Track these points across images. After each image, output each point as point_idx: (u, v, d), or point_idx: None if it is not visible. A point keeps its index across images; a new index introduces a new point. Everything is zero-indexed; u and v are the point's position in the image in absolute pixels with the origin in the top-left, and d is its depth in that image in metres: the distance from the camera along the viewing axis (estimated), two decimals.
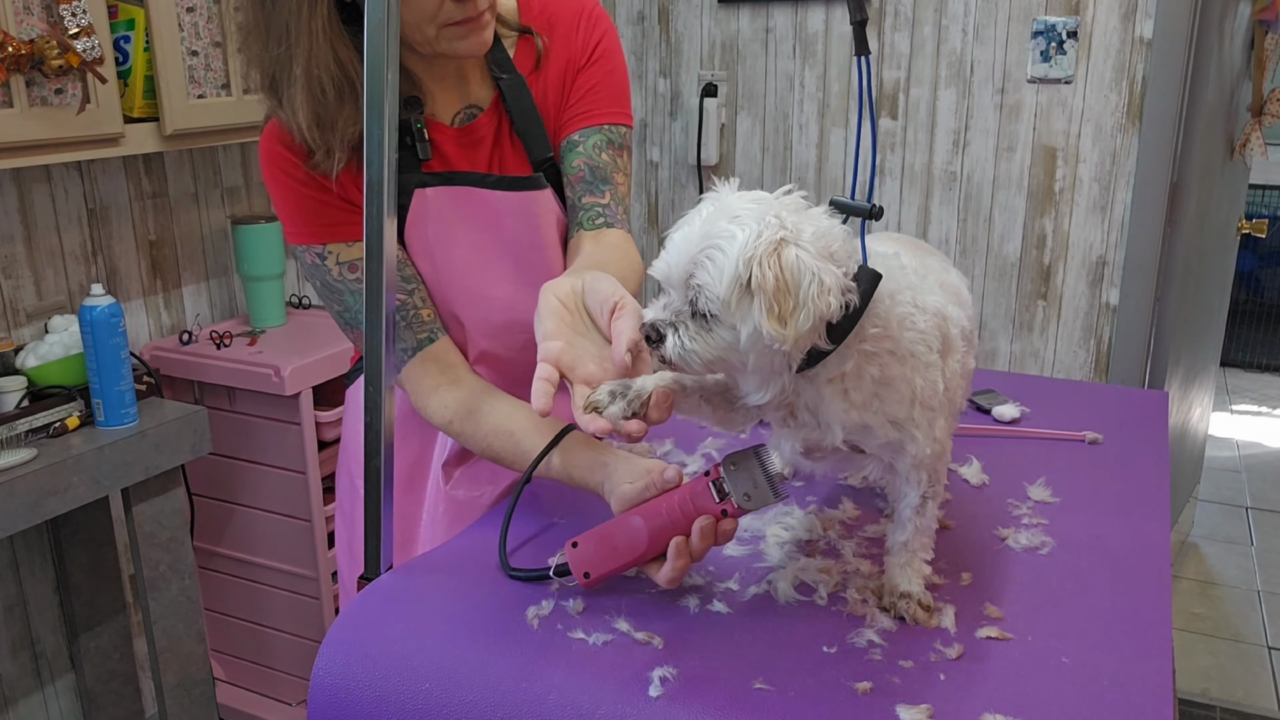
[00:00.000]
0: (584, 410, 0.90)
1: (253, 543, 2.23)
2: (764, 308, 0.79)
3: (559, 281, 0.98)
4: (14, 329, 1.95)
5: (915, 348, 0.89)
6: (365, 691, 0.93)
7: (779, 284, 0.79)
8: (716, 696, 0.86)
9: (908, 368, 0.88)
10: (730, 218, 0.82)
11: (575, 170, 1.24)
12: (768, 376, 0.88)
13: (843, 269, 0.83)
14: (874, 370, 0.87)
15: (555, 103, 1.25)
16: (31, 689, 2.09)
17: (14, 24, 1.61)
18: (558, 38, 1.25)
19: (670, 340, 0.85)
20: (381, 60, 0.97)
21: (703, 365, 0.86)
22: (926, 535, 0.99)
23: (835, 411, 0.88)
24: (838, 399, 0.88)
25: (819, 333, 0.83)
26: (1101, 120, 2.53)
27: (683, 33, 2.92)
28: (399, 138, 1.14)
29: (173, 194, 2.24)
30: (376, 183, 0.99)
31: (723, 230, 0.81)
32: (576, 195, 1.24)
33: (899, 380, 0.88)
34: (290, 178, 1.16)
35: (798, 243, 0.80)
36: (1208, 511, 3.60)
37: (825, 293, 0.79)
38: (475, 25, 1.11)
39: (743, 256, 0.80)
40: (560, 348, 0.93)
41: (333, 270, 1.18)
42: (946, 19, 2.63)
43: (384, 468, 1.05)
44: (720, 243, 0.81)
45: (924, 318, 0.90)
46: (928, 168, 2.73)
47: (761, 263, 0.79)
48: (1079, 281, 2.67)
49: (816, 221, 0.83)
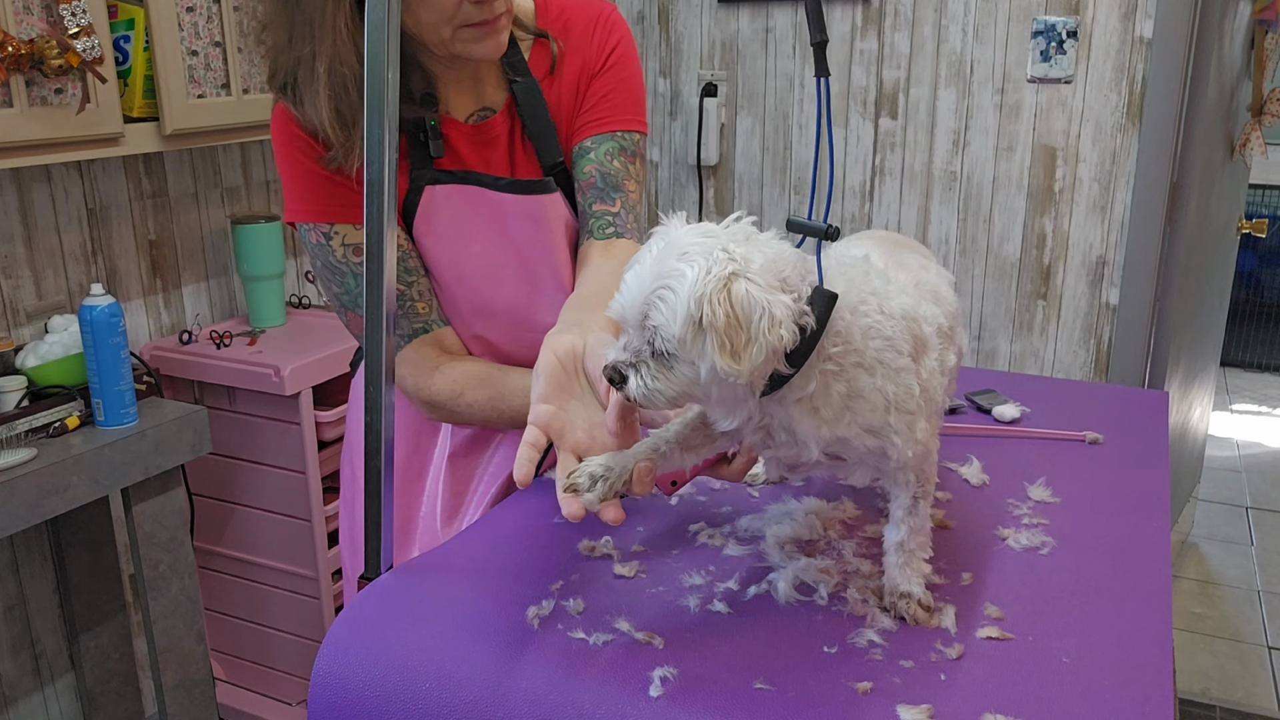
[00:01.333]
0: (563, 490, 0.89)
1: (253, 543, 2.23)
2: (716, 344, 0.80)
3: (562, 337, 0.98)
4: (14, 329, 1.95)
5: (883, 355, 0.89)
6: (365, 691, 0.93)
7: (729, 320, 0.80)
8: (716, 696, 0.86)
9: (878, 377, 0.89)
10: (679, 255, 0.82)
11: (587, 177, 1.25)
12: (733, 405, 0.89)
13: (794, 294, 0.83)
14: (840, 386, 0.87)
15: (569, 108, 1.26)
16: (31, 689, 2.09)
17: (14, 24, 1.61)
18: (573, 42, 1.25)
19: (632, 381, 0.86)
20: (381, 60, 0.97)
21: (667, 402, 0.86)
22: (922, 534, 0.98)
23: (808, 429, 0.89)
24: (808, 417, 0.88)
25: (778, 360, 0.83)
26: (1101, 120, 2.53)
27: (683, 33, 2.92)
28: (414, 134, 1.18)
29: (173, 194, 2.24)
30: (376, 183, 0.99)
31: (672, 269, 0.82)
32: (587, 202, 1.25)
33: (869, 391, 0.88)
34: (305, 156, 1.16)
35: (747, 275, 0.81)
36: (1208, 511, 3.60)
37: (776, 325, 0.80)
38: (491, 28, 1.12)
39: (693, 295, 0.80)
40: (550, 412, 0.93)
41: (337, 251, 1.19)
42: (946, 19, 2.63)
43: (384, 468, 1.05)
44: (670, 282, 0.81)
45: (891, 323, 0.90)
46: (928, 168, 2.73)
47: (711, 300, 0.79)
48: (1079, 281, 2.67)
49: (766, 249, 0.84)
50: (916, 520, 0.98)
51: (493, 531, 1.18)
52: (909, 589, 0.97)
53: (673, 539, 1.14)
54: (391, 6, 0.96)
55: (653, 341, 0.84)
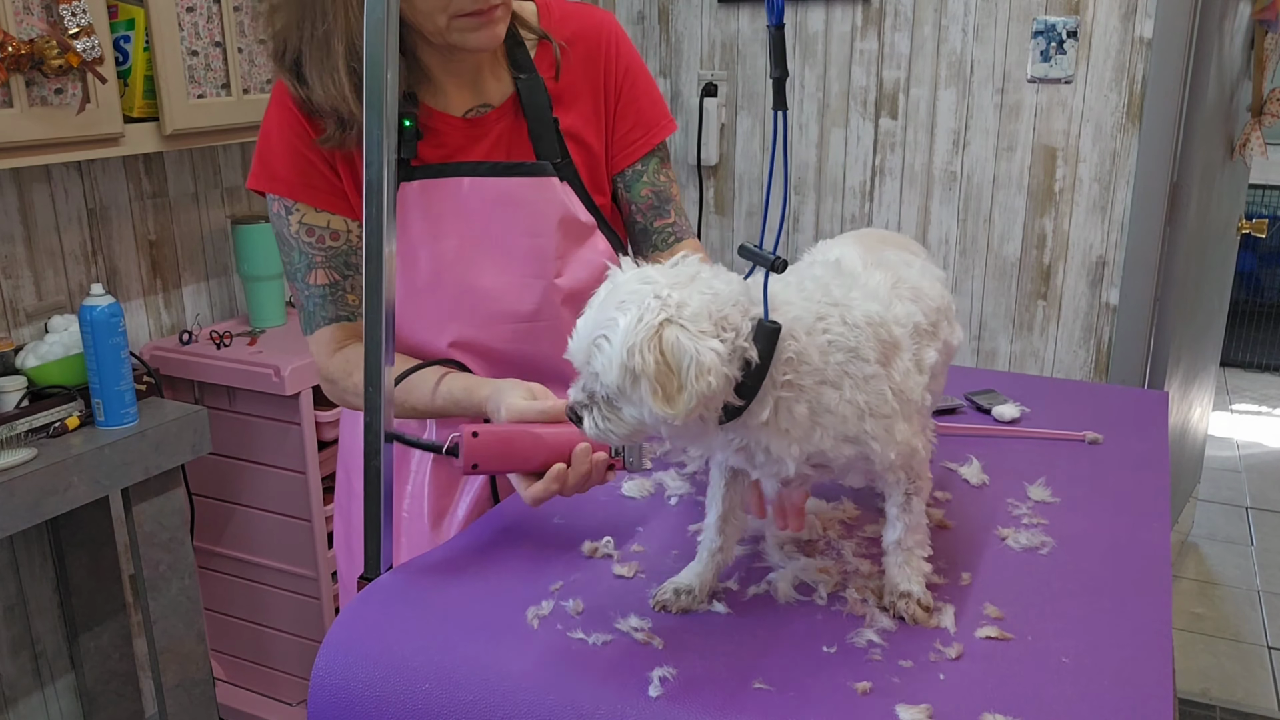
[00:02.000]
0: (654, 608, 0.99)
1: (253, 543, 2.23)
2: (649, 391, 0.82)
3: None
4: (14, 329, 1.95)
5: (848, 367, 0.90)
6: (365, 691, 0.93)
7: (659, 368, 0.82)
8: (716, 696, 0.86)
9: (845, 389, 0.89)
10: (617, 303, 0.84)
11: (644, 199, 1.31)
12: (693, 437, 0.92)
13: (734, 333, 0.84)
14: (802, 407, 0.88)
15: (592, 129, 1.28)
16: (31, 689, 2.09)
17: (14, 24, 1.61)
18: (579, 57, 1.27)
19: (587, 421, 0.90)
20: (381, 60, 0.97)
21: (620, 440, 0.90)
22: (919, 532, 0.99)
23: (780, 448, 0.90)
24: (777, 438, 0.90)
25: (718, 399, 0.85)
26: (1101, 120, 2.53)
27: (683, 33, 2.92)
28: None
29: (173, 194, 2.24)
30: (376, 182, 0.99)
31: (608, 318, 0.84)
32: (648, 221, 1.32)
33: (837, 404, 0.89)
34: (294, 135, 1.20)
35: (679, 321, 0.82)
36: (1208, 511, 3.60)
37: (705, 374, 0.81)
38: (487, 18, 1.13)
39: (625, 344, 0.82)
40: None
41: (292, 225, 1.22)
42: (946, 19, 2.63)
43: (384, 468, 1.05)
44: (606, 331, 0.84)
45: (855, 333, 0.91)
46: (928, 168, 2.73)
47: (641, 349, 0.81)
48: (1079, 281, 2.67)
49: (707, 289, 0.85)
50: (912, 517, 0.98)
51: (493, 531, 1.18)
52: (909, 588, 0.97)
53: (672, 539, 1.14)
54: (391, 6, 0.96)
55: (599, 385, 0.87)
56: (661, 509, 1.22)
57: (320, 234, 1.22)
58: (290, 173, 1.21)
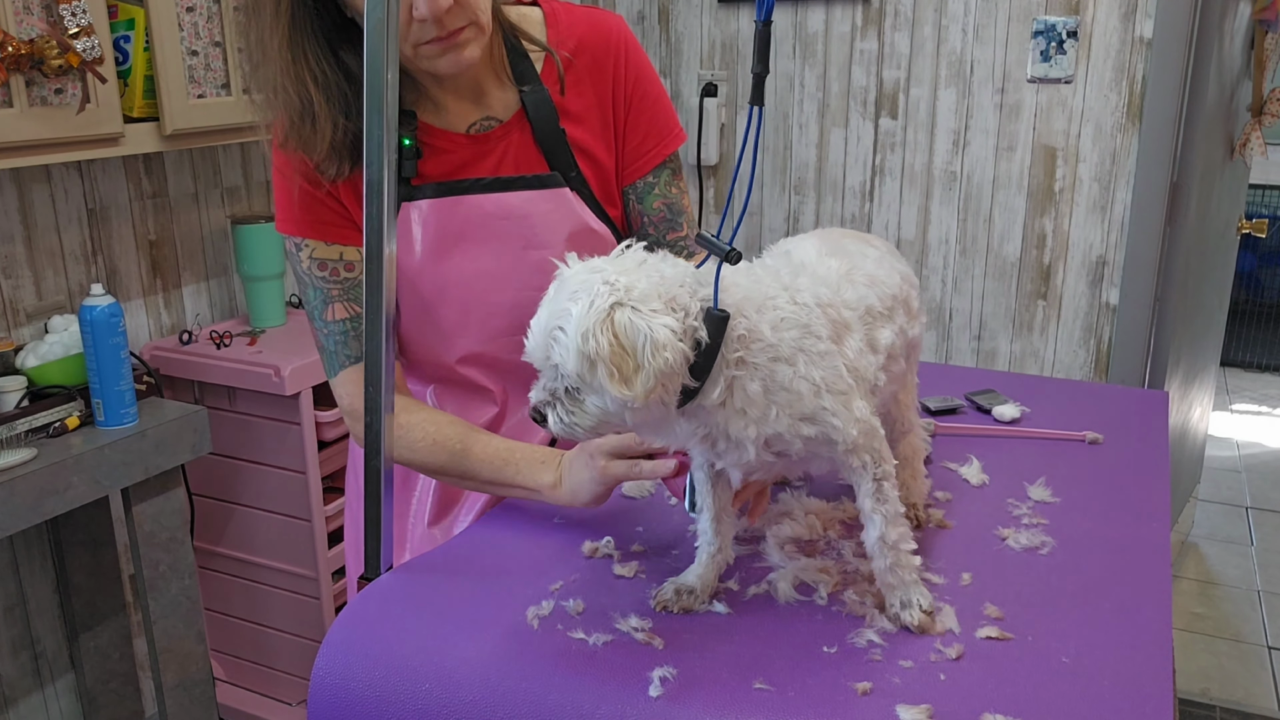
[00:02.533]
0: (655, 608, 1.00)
1: (253, 543, 2.23)
2: (606, 374, 0.83)
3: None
4: (14, 329, 1.95)
5: (803, 343, 0.91)
6: (365, 691, 0.93)
7: (614, 349, 0.83)
8: (716, 696, 0.86)
9: (800, 365, 0.90)
10: (569, 294, 0.86)
11: (656, 212, 1.30)
12: (657, 426, 0.92)
13: (682, 313, 0.85)
14: (755, 385, 0.89)
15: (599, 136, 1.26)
16: (31, 689, 2.09)
17: (14, 24, 1.61)
18: (585, 64, 1.25)
19: (551, 418, 0.91)
20: (381, 60, 0.97)
21: (586, 434, 0.91)
22: (900, 524, 0.97)
23: (738, 430, 0.90)
24: (735, 419, 0.90)
25: (677, 377, 0.86)
26: (1101, 120, 2.53)
27: (683, 33, 2.92)
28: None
29: (173, 194, 2.24)
30: (376, 183, 0.99)
31: (562, 310, 0.85)
32: (660, 234, 1.31)
33: (792, 381, 0.90)
34: (293, 169, 1.19)
35: (630, 303, 0.84)
36: (1208, 511, 3.60)
37: (661, 349, 0.83)
38: (450, 43, 1.09)
39: (579, 331, 0.83)
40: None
41: (303, 262, 1.23)
42: (946, 19, 2.63)
43: (384, 468, 1.05)
44: (561, 322, 0.85)
45: (805, 311, 0.92)
46: (928, 168, 2.73)
47: (594, 333, 0.83)
48: (1079, 281, 2.67)
49: (654, 272, 0.87)
50: (887, 507, 0.96)
51: (493, 532, 1.18)
52: (909, 596, 0.95)
53: (672, 539, 1.14)
54: (391, 7, 0.96)
55: (559, 380, 0.88)
56: (661, 509, 1.22)
57: (333, 266, 1.22)
58: (295, 210, 1.22)
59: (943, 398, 1.55)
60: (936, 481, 1.27)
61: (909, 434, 1.18)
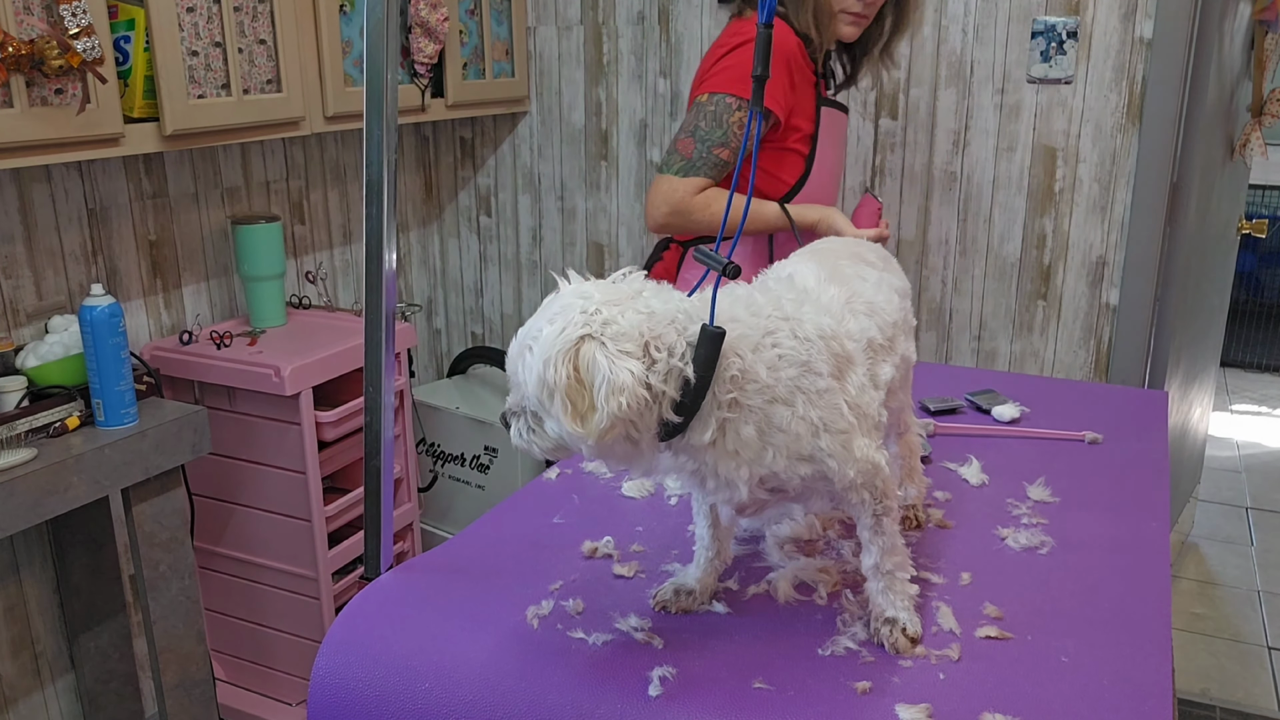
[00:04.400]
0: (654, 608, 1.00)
1: (253, 543, 2.23)
2: (562, 407, 0.80)
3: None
4: (14, 329, 1.95)
5: (801, 382, 0.88)
6: (365, 691, 0.93)
7: (570, 383, 0.80)
8: (716, 696, 0.86)
9: (798, 405, 0.87)
10: (549, 314, 0.83)
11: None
12: (624, 459, 0.88)
13: (665, 353, 0.82)
14: (750, 428, 0.86)
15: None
16: (31, 689, 2.09)
17: (14, 24, 1.61)
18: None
19: (513, 429, 0.89)
20: (381, 60, 0.97)
21: (543, 453, 0.87)
22: (896, 554, 0.96)
23: (729, 471, 0.88)
24: (726, 460, 0.87)
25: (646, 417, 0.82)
26: (1101, 120, 2.53)
27: (683, 33, 2.92)
28: (818, 67, 1.80)
29: (173, 194, 2.24)
30: (376, 183, 0.99)
31: (534, 329, 0.83)
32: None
33: (789, 422, 0.87)
34: (789, 56, 1.68)
35: (601, 338, 0.80)
36: (1208, 511, 3.59)
37: (617, 393, 0.79)
38: (861, 19, 1.78)
39: (543, 356, 0.81)
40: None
41: (734, 116, 1.66)
42: (946, 19, 2.63)
43: (384, 468, 1.05)
44: (530, 342, 0.83)
45: (806, 346, 0.89)
46: (928, 168, 2.73)
47: (555, 363, 0.80)
48: (1079, 281, 2.67)
49: (644, 307, 0.83)
50: (885, 540, 0.95)
51: (493, 531, 1.18)
52: (894, 614, 0.94)
53: (672, 539, 1.14)
54: (390, 7, 0.96)
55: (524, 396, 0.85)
56: (661, 509, 1.22)
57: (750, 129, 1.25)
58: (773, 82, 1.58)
59: (942, 398, 1.55)
60: (936, 481, 1.27)
61: (905, 434, 1.18)
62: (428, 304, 3.31)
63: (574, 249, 3.10)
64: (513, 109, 2.97)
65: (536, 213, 3.13)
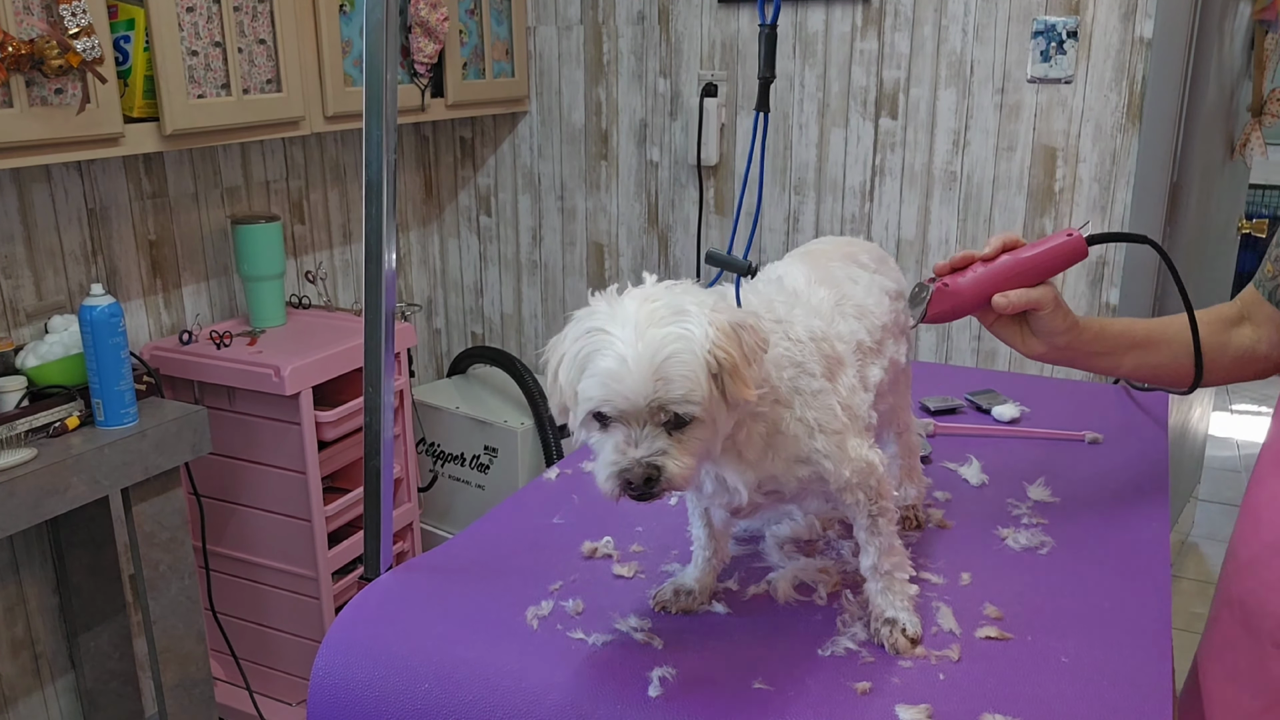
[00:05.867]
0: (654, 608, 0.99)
1: (253, 543, 2.23)
2: (735, 381, 0.79)
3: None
4: (14, 329, 1.95)
5: (798, 382, 0.88)
6: (365, 691, 0.93)
7: (739, 355, 0.80)
8: (716, 696, 0.86)
9: (796, 407, 0.88)
10: (658, 323, 0.79)
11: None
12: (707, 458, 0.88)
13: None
14: (761, 427, 0.87)
15: None
16: (31, 689, 2.09)
17: (14, 24, 1.61)
18: None
19: (672, 468, 0.80)
20: (381, 60, 0.97)
21: (696, 474, 0.83)
22: (895, 554, 0.96)
23: (734, 475, 0.88)
24: (733, 464, 0.88)
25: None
26: (1101, 120, 2.53)
27: (683, 33, 2.92)
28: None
29: (173, 194, 2.24)
30: (376, 183, 0.99)
31: (668, 337, 0.78)
32: None
33: (789, 422, 0.88)
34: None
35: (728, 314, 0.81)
36: (1208, 511, 3.59)
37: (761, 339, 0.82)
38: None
39: (704, 350, 0.78)
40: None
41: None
42: (946, 19, 2.63)
43: (384, 468, 1.05)
44: (672, 350, 0.78)
45: (799, 347, 0.89)
46: (928, 168, 2.73)
47: (721, 345, 0.79)
48: (1079, 281, 2.67)
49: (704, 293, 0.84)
50: (882, 540, 0.94)
51: (493, 531, 1.18)
52: (894, 615, 0.94)
53: (672, 539, 1.14)
54: (390, 7, 0.96)
55: (671, 417, 0.79)
56: (661, 509, 1.22)
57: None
58: None
59: (942, 398, 1.55)
60: (936, 481, 1.27)
61: (905, 434, 1.18)
62: (428, 304, 3.31)
63: (574, 249, 3.10)
64: (513, 109, 2.97)
65: (536, 213, 3.13)
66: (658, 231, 3.03)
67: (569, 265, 3.10)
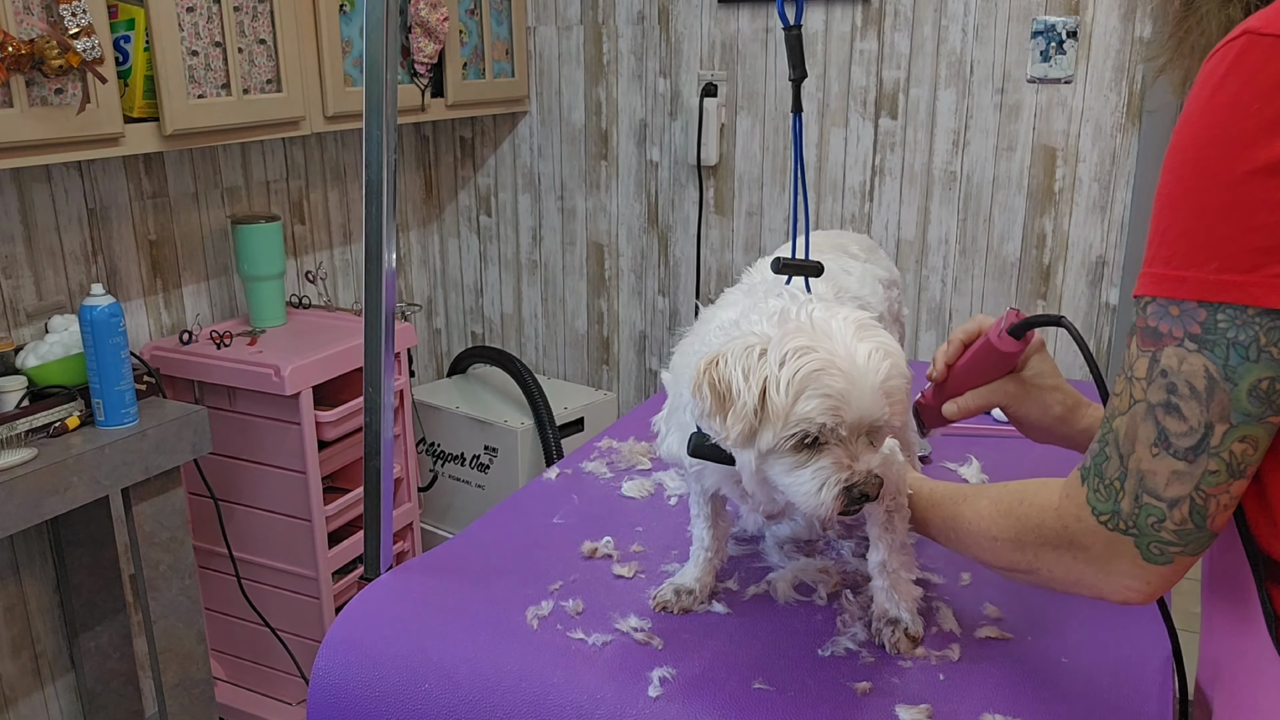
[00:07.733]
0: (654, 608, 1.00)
1: (253, 543, 2.23)
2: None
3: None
4: (14, 329, 1.95)
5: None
6: (365, 691, 0.93)
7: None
8: (716, 696, 0.86)
9: None
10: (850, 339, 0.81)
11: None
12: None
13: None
14: None
15: None
16: (31, 689, 2.09)
17: (14, 24, 1.61)
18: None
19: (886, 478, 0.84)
20: (381, 60, 0.97)
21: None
22: (904, 552, 0.96)
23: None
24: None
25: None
26: (1101, 120, 2.53)
27: (683, 33, 2.92)
28: None
29: (173, 194, 2.24)
30: (376, 183, 0.99)
31: (880, 352, 0.81)
32: None
33: None
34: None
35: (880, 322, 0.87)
36: None
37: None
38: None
39: (904, 363, 0.84)
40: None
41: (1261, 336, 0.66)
42: (946, 19, 2.63)
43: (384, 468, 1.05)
44: (889, 366, 0.81)
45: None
46: (927, 168, 2.73)
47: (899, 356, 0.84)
48: (1079, 281, 2.67)
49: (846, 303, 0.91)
50: (894, 537, 0.95)
51: (493, 532, 1.18)
52: (896, 614, 0.94)
53: (672, 539, 1.14)
54: (390, 7, 0.96)
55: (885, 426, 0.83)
56: (661, 509, 1.22)
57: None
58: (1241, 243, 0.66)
59: None
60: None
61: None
62: (428, 304, 3.31)
63: (574, 249, 3.10)
64: (513, 109, 2.97)
65: (536, 212, 3.13)
66: (658, 231, 3.04)
67: (569, 265, 3.10)
